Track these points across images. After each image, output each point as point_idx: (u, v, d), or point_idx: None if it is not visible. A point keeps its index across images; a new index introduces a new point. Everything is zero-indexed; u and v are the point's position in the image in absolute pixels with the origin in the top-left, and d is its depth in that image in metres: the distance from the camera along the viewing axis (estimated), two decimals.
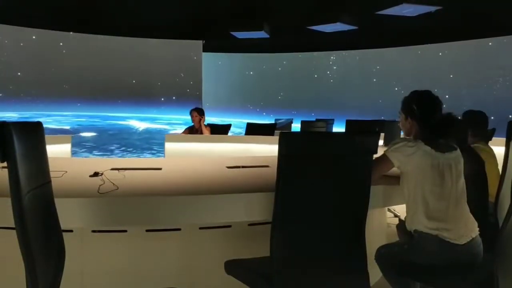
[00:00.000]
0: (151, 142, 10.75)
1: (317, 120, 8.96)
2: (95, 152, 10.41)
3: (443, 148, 2.23)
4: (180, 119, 10.80)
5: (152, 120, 11.50)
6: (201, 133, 6.45)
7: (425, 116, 2.29)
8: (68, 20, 9.08)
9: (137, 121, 11.09)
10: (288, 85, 13.21)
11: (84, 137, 10.73)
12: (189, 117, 6.60)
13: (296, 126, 8.63)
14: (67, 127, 10.72)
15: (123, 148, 10.70)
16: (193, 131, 6.54)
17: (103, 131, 10.97)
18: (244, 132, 7.20)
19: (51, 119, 10.56)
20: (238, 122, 12.88)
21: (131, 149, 10.68)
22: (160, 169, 2.76)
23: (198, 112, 6.45)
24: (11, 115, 9.94)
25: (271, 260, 1.77)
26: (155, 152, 9.90)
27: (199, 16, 8.88)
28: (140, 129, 11.19)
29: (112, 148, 10.69)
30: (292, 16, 8.63)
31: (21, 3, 7.77)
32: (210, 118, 8.83)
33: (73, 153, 5.67)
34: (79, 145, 10.48)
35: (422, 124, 2.30)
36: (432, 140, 2.23)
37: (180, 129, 9.67)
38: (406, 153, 2.20)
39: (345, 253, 1.91)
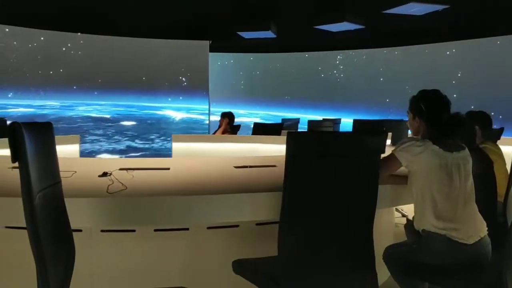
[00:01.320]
0: (191, 132, 11.03)
1: (324, 120, 8.94)
2: (137, 141, 10.58)
3: (451, 147, 2.22)
4: (213, 108, 11.02)
5: (187, 110, 11.67)
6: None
7: (433, 115, 2.29)
8: (75, 22, 9.14)
9: (173, 111, 11.19)
10: (295, 84, 13.20)
11: (125, 125, 10.88)
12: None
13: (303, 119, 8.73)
14: (108, 116, 10.84)
15: (163, 137, 10.89)
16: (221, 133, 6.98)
17: (142, 120, 11.16)
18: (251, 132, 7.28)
19: (91, 107, 10.67)
20: (245, 122, 13.00)
21: (170, 138, 10.82)
22: (168, 169, 2.78)
23: (222, 116, 6.97)
24: (52, 103, 10.15)
25: (279, 260, 1.78)
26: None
27: (206, 16, 8.89)
28: (177, 118, 11.31)
29: (152, 137, 10.91)
30: (298, 16, 8.62)
31: (28, 5, 7.83)
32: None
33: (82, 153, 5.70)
34: (121, 134, 10.64)
35: (429, 123, 2.30)
36: (440, 139, 2.22)
37: (217, 117, 10.06)
38: (414, 152, 2.20)
39: (353, 253, 1.91)
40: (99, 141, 10.39)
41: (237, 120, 7.18)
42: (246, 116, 13.54)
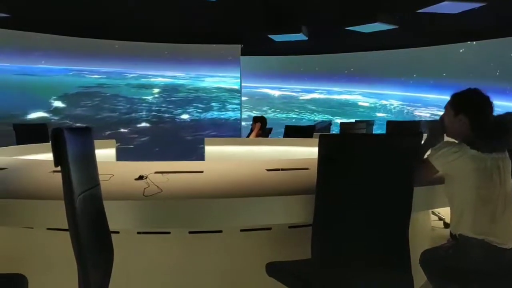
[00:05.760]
0: (292, 106, 12.83)
1: (357, 122, 8.84)
2: (254, 111, 11.89)
3: (490, 148, 2.15)
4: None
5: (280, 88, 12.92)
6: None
7: (482, 114, 2.19)
8: (110, 30, 9.44)
9: (269, 90, 12.46)
10: (326, 87, 13.10)
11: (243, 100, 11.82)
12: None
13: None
14: (236, 87, 11.70)
15: (272, 109, 12.53)
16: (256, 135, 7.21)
17: (250, 95, 12.50)
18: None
19: (217, 79, 11.39)
20: (349, 100, 13.22)
21: (279, 110, 12.44)
22: (201, 172, 2.81)
23: (254, 120, 7.22)
24: (180, 74, 11.03)
25: (312, 263, 1.78)
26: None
27: (238, 20, 8.95)
28: (276, 95, 12.56)
29: (265, 109, 12.58)
30: (330, 17, 8.55)
31: (68, 14, 8.10)
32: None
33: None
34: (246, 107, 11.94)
35: (476, 123, 2.20)
36: (481, 141, 2.15)
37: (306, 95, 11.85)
38: (450, 158, 2.13)
39: (388, 257, 1.88)
40: (237, 110, 11.46)
41: (336, 97, 7.21)
42: (346, 93, 13.59)
